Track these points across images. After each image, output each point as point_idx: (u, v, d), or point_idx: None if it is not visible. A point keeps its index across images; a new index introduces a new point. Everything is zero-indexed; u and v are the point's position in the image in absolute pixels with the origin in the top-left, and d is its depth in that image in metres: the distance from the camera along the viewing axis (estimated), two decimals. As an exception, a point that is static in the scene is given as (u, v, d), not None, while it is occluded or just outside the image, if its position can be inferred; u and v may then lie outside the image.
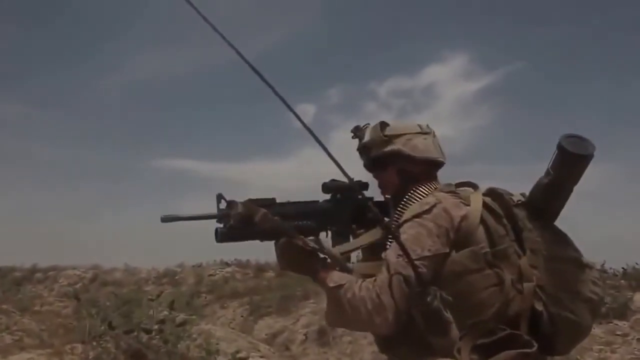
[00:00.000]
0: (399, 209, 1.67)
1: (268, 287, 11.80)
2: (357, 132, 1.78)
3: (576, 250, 1.60)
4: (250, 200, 1.59)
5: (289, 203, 1.71)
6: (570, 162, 1.51)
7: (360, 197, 1.74)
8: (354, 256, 1.78)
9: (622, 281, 10.30)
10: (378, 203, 1.83)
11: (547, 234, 1.58)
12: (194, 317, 5.65)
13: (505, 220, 1.58)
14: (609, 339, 7.36)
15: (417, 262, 1.40)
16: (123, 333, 3.50)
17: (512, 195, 1.67)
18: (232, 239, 1.58)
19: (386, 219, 1.76)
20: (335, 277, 1.55)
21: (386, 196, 1.81)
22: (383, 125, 1.72)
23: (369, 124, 1.77)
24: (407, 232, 1.52)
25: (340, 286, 1.51)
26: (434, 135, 1.75)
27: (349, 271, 1.61)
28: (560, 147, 1.50)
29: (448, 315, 1.38)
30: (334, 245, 1.74)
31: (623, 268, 10.96)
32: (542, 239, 1.57)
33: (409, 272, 1.40)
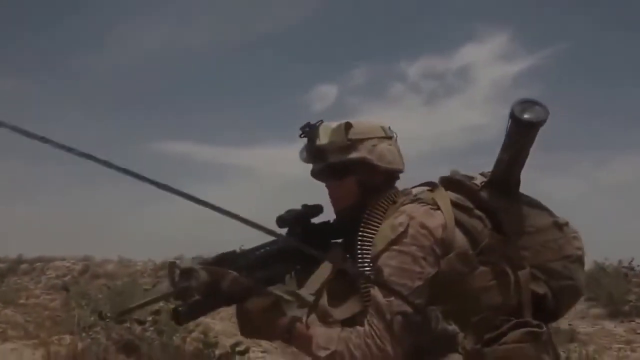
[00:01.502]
0: (360, 232, 1.55)
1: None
2: (309, 131, 1.62)
3: (550, 212, 1.60)
4: (205, 261, 1.44)
5: (249, 251, 1.56)
6: (526, 130, 1.46)
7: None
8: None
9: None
10: (322, 226, 1.71)
11: (521, 208, 1.57)
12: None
13: (477, 211, 1.52)
14: (630, 337, 7.33)
15: (410, 297, 1.34)
16: (115, 323, 3.42)
17: (473, 178, 1.62)
18: (197, 316, 1.43)
19: (337, 243, 1.69)
20: (322, 341, 1.43)
21: (336, 211, 1.69)
22: (348, 126, 1.58)
23: (322, 121, 1.63)
24: (388, 265, 1.43)
25: (332, 354, 1.40)
26: (396, 140, 1.66)
27: (329, 318, 1.51)
28: (514, 117, 1.44)
29: (453, 327, 1.34)
30: (298, 284, 1.61)
31: (651, 266, 10.91)
32: (518, 215, 1.55)
33: (408, 308, 1.34)
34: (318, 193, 1.73)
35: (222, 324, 5.96)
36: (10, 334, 3.89)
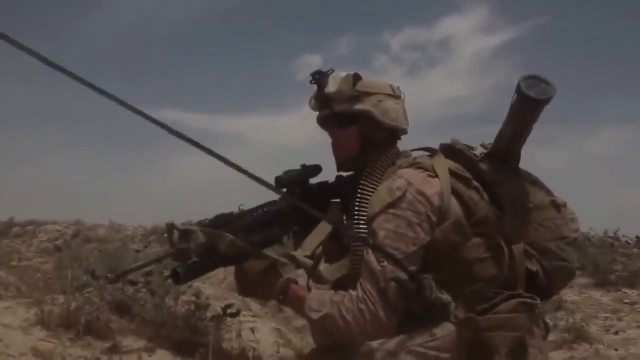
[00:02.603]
0: (358, 192, 1.57)
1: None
2: (320, 78, 1.64)
3: (549, 191, 1.61)
4: (203, 223, 1.48)
5: (247, 212, 1.59)
6: (531, 106, 1.47)
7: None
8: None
9: (635, 250, 10.43)
10: (320, 186, 1.75)
11: (519, 183, 1.58)
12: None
13: (475, 182, 1.54)
14: (617, 307, 7.47)
15: (404, 261, 1.36)
16: (107, 283, 3.50)
17: (472, 148, 1.63)
18: (195, 276, 1.47)
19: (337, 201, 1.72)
20: (314, 304, 1.45)
21: (339, 163, 1.72)
22: (356, 78, 1.61)
23: (332, 70, 1.66)
24: (384, 227, 1.44)
25: (324, 317, 1.42)
26: (404, 101, 1.68)
27: (324, 280, 1.55)
28: (519, 92, 1.45)
29: (446, 296, 1.36)
30: (295, 245, 1.66)
31: (637, 236, 11.10)
32: (516, 191, 1.56)
33: (402, 274, 1.35)
34: (306, 161, 1.76)
35: (212, 288, 6.07)
36: (4, 294, 3.97)
